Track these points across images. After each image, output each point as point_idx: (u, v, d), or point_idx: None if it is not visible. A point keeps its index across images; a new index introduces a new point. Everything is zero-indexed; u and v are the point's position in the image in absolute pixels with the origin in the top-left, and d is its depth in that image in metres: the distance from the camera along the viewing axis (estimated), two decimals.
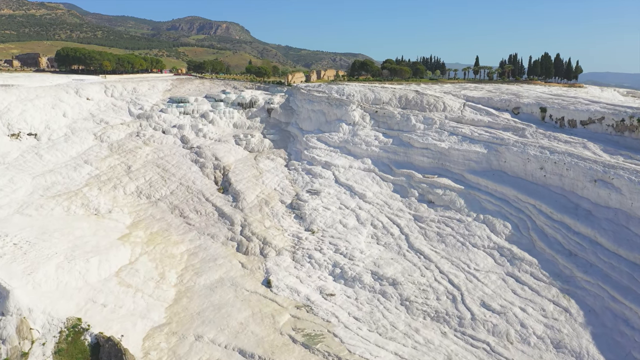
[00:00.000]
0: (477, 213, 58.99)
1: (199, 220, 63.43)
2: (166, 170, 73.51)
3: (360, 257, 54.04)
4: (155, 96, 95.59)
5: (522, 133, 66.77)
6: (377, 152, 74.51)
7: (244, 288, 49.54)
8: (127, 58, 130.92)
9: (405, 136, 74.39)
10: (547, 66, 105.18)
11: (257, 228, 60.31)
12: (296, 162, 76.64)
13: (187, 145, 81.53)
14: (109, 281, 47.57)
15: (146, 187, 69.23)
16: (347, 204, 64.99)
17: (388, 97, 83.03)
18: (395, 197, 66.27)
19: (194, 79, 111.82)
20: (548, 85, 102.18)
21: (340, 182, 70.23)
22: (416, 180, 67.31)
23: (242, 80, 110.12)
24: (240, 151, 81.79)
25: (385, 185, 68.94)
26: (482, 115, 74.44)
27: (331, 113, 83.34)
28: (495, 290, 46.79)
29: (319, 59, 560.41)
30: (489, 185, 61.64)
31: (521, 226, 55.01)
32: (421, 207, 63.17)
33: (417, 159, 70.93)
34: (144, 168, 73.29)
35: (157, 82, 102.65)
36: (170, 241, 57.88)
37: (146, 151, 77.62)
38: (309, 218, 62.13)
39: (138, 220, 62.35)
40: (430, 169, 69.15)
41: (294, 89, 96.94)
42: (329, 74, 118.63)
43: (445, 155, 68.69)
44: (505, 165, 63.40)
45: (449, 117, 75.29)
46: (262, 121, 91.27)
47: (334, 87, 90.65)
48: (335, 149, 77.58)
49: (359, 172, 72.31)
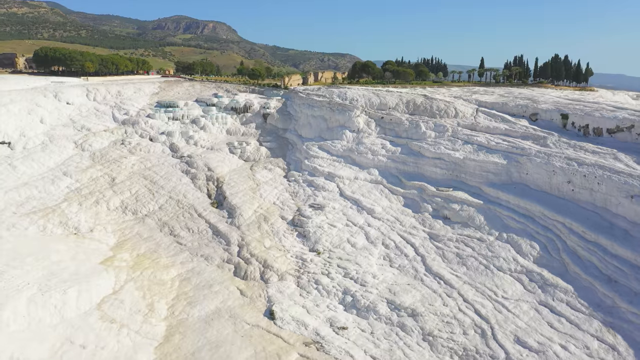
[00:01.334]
0: (500, 231, 54.41)
1: (191, 239, 58.09)
2: (154, 182, 68.04)
3: (373, 283, 49.12)
4: (141, 100, 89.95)
5: (543, 142, 62.42)
6: (384, 162, 69.74)
7: (244, 321, 44.32)
8: (111, 59, 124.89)
9: (414, 145, 69.71)
10: (558, 68, 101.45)
11: (257, 248, 55.14)
12: (296, 173, 71.58)
13: (176, 154, 76.08)
14: (89, 315, 42.07)
15: (132, 202, 63.73)
16: (354, 221, 60.09)
17: (394, 102, 78.34)
18: (407, 212, 61.51)
19: (183, 81, 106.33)
20: (559, 88, 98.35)
21: (345, 195, 65.31)
22: (429, 193, 62.63)
23: (234, 83, 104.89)
24: (234, 160, 76.53)
25: (395, 199, 64.16)
26: (498, 122, 70.03)
27: (333, 119, 78.45)
28: (530, 323, 42.10)
29: (307, 59, 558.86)
30: (511, 200, 57.12)
31: (550, 247, 50.50)
32: (436, 223, 58.46)
33: (428, 169, 66.27)
34: (130, 180, 67.74)
35: (143, 85, 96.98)
36: (160, 264, 52.47)
37: (132, 161, 72.03)
38: (314, 237, 57.10)
39: (123, 239, 56.86)
40: (444, 181, 64.52)
41: (292, 92, 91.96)
42: (326, 76, 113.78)
43: (460, 166, 64.12)
44: (528, 177, 58.95)
45: (462, 124, 70.78)
46: (258, 127, 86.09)
47: (335, 90, 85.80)
48: (338, 158, 72.66)
49: (365, 184, 67.48)
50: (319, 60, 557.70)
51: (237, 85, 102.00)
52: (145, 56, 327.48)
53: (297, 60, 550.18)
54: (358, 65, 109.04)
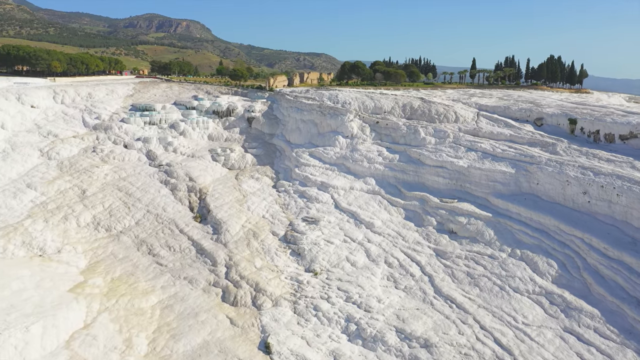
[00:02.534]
0: (512, 247, 50.85)
1: (173, 258, 52.92)
2: (130, 194, 62.48)
3: (378, 308, 44.86)
4: (114, 103, 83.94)
5: (553, 149, 59.26)
6: (381, 171, 65.66)
7: (236, 357, 39.51)
8: (80, 58, 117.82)
9: (414, 152, 65.83)
10: (553, 70, 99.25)
11: (246, 269, 50.33)
12: (286, 183, 66.91)
13: (154, 162, 70.53)
14: (57, 356, 36.71)
15: (105, 217, 58.10)
16: (352, 236, 55.79)
17: (390, 105, 74.40)
18: (409, 226, 57.52)
19: (160, 82, 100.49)
20: (555, 90, 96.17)
21: (341, 207, 60.97)
22: (432, 205, 58.78)
23: (215, 84, 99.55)
24: (218, 169, 71.41)
25: (395, 211, 60.11)
26: (501, 127, 66.73)
27: (324, 124, 74.04)
28: (557, 354, 38.43)
29: (283, 59, 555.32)
30: (522, 213, 53.65)
31: (569, 265, 47.11)
32: (442, 239, 54.60)
33: (430, 179, 62.46)
34: (102, 192, 62.03)
35: (116, 86, 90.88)
36: (138, 290, 47.18)
37: (105, 171, 66.24)
38: (309, 255, 52.58)
39: (95, 261, 51.33)
40: (447, 192, 60.79)
41: (278, 94, 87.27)
42: (311, 77, 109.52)
43: (465, 175, 60.47)
44: (539, 188, 55.63)
45: (464, 130, 67.25)
46: (242, 132, 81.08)
47: (325, 93, 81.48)
48: (331, 166, 68.28)
49: (362, 194, 63.25)
50: (295, 60, 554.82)
51: (219, 86, 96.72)
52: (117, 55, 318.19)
53: (272, 59, 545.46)
54: (347, 66, 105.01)
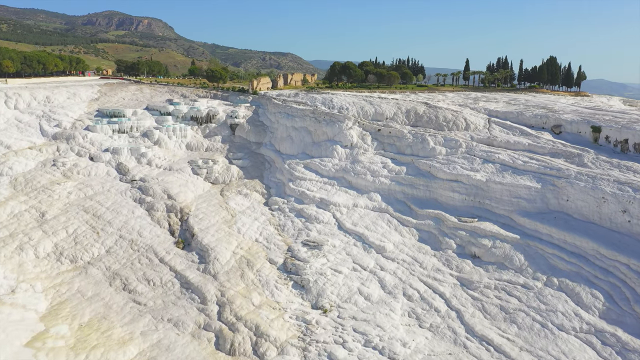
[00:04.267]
0: (547, 275, 45.57)
1: (153, 295, 45.42)
2: (98, 216, 54.42)
3: (404, 354, 38.64)
4: (77, 108, 75.14)
5: (579, 161, 54.46)
6: (387, 185, 59.62)
7: None
8: (37, 56, 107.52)
9: (422, 163, 60.05)
10: (554, 72, 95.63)
11: (243, 308, 43.32)
12: (280, 200, 60.07)
13: (126, 177, 62.48)
14: None
15: (69, 245, 49.96)
16: (362, 263, 49.47)
17: (392, 111, 68.47)
18: (425, 249, 51.61)
19: (129, 84, 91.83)
20: (556, 93, 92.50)
21: (345, 228, 54.59)
22: (449, 225, 53.06)
23: (191, 86, 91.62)
24: (200, 183, 63.91)
25: (407, 232, 54.13)
26: (517, 136, 61.70)
27: (319, 132, 67.51)
28: None
29: (248, 58, 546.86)
30: (553, 234, 48.47)
31: (617, 296, 42.07)
32: (465, 265, 48.90)
33: (444, 194, 56.79)
34: (66, 215, 53.74)
35: (79, 89, 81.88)
36: (113, 339, 39.54)
37: (68, 188, 57.87)
38: (315, 288, 45.97)
39: (59, 302, 43.34)
40: (464, 209, 55.23)
41: (263, 98, 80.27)
42: (296, 79, 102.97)
43: (483, 190, 55.03)
44: (569, 205, 50.62)
45: (476, 139, 61.91)
46: (225, 141, 73.68)
47: (318, 97, 74.98)
48: (330, 180, 61.80)
49: (367, 212, 57.03)
50: (261, 59, 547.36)
51: (195, 89, 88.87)
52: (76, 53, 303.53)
53: (237, 59, 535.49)
54: (337, 67, 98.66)
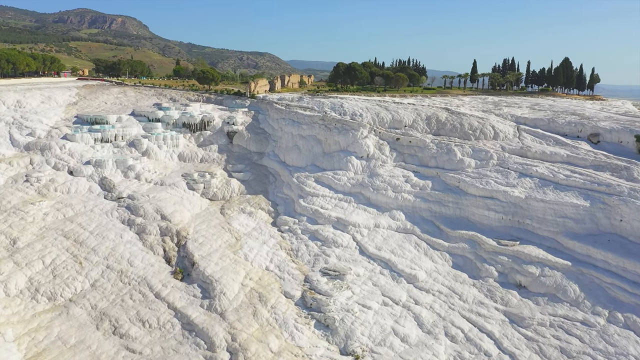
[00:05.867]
0: (609, 309, 40.30)
1: (150, 340, 38.69)
2: (81, 242, 47.30)
3: None
4: (53, 114, 67.52)
5: (628, 175, 49.47)
6: (411, 202, 53.79)
7: None
8: (6, 55, 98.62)
9: (450, 177, 54.42)
10: (569, 74, 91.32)
11: (260, 356, 36.90)
12: (289, 219, 53.73)
13: (111, 194, 55.38)
14: None
15: (47, 280, 42.82)
16: (393, 295, 43.46)
17: (411, 117, 62.72)
18: (462, 278, 45.86)
19: (110, 86, 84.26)
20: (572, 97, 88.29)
21: (368, 253, 48.55)
22: (487, 249, 47.44)
23: (180, 89, 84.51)
24: (196, 200, 57.15)
25: (438, 257, 48.33)
26: (552, 146, 56.55)
27: (331, 141, 61.37)
28: None
29: (225, 58, 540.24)
30: (610, 260, 43.22)
31: None
32: (511, 296, 43.28)
33: (477, 213, 51.20)
34: (42, 242, 46.50)
35: (55, 92, 74.14)
36: None
37: (44, 209, 50.56)
38: (342, 328, 39.77)
39: (36, 353, 36.35)
40: (502, 230, 49.70)
41: (262, 102, 73.83)
42: (293, 80, 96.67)
43: (523, 208, 49.59)
44: (623, 226, 45.49)
45: (508, 149, 56.55)
46: (222, 150, 66.97)
47: (325, 101, 68.86)
48: (346, 196, 55.69)
49: (391, 234, 51.09)
50: (238, 59, 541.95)
51: (185, 92, 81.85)
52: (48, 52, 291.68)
53: (214, 58, 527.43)
54: (341, 68, 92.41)
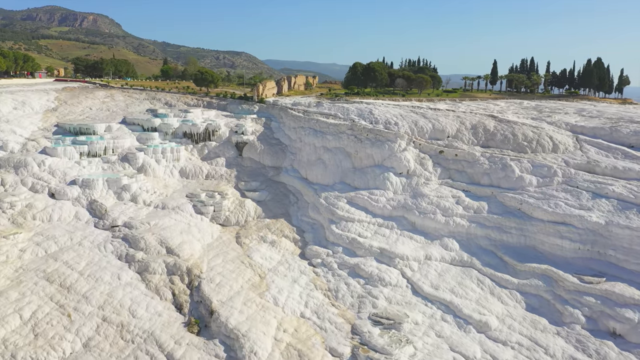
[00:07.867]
0: None
1: None
2: (68, 287, 38.45)
3: None
4: (29, 122, 58.12)
5: None
6: (465, 228, 46.20)
7: None
8: None
9: (509, 198, 47.02)
10: (602, 76, 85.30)
11: None
12: (321, 250, 45.63)
13: (103, 221, 46.51)
14: None
15: (27, 340, 33.89)
16: (464, 351, 35.71)
17: (454, 126, 55.24)
18: (541, 324, 38.36)
19: (95, 89, 74.91)
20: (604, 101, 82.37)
21: (423, 293, 40.75)
22: (568, 287, 40.06)
23: (174, 92, 75.56)
24: (206, 227, 48.62)
25: (508, 297, 40.78)
26: (622, 160, 49.67)
27: (362, 154, 53.47)
28: None
29: (201, 57, 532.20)
30: None
31: None
32: (606, 349, 35.96)
33: (546, 241, 43.83)
34: (17, 288, 37.51)
35: (30, 96, 64.60)
36: None
37: (20, 244, 41.49)
38: None
39: None
40: (580, 263, 42.41)
41: (274, 108, 65.65)
42: (299, 82, 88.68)
43: (604, 236, 42.39)
44: None
45: (572, 164, 49.43)
46: (231, 165, 58.51)
47: (349, 107, 61.01)
48: (386, 221, 47.81)
49: (446, 267, 43.38)
50: (214, 59, 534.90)
51: (181, 95, 73.07)
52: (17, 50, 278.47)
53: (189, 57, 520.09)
54: (359, 69, 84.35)
